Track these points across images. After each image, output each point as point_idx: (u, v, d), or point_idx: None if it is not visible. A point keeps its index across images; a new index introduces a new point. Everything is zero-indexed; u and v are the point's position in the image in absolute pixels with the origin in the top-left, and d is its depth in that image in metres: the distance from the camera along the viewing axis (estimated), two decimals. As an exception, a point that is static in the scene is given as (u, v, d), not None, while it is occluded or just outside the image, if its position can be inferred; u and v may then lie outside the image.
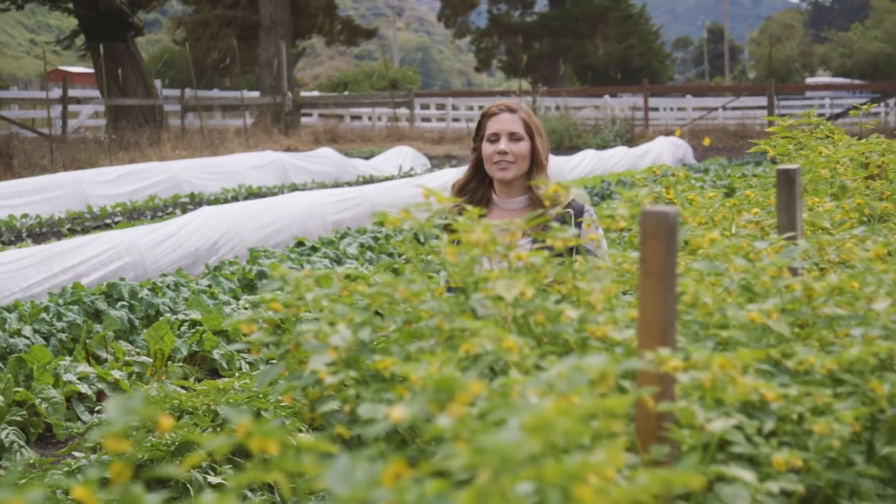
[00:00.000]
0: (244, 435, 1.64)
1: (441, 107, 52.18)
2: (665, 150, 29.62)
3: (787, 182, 3.61)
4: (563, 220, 4.99)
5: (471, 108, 51.52)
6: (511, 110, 5.47)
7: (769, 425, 2.55)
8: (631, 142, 36.28)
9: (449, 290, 3.02)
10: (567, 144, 36.94)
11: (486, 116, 5.53)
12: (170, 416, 1.61)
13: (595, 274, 2.87)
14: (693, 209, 4.10)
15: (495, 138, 5.40)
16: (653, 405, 2.39)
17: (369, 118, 50.40)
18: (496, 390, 2.00)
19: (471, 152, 5.61)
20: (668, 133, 36.01)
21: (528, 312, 2.73)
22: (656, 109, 49.17)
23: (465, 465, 1.47)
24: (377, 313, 2.94)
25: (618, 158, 27.88)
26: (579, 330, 2.74)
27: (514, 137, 5.38)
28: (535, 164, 5.44)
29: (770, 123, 6.34)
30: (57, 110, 35.11)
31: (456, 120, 49.48)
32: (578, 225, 4.95)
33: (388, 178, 25.38)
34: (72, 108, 36.78)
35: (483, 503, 1.47)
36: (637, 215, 3.01)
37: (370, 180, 25.25)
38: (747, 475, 2.33)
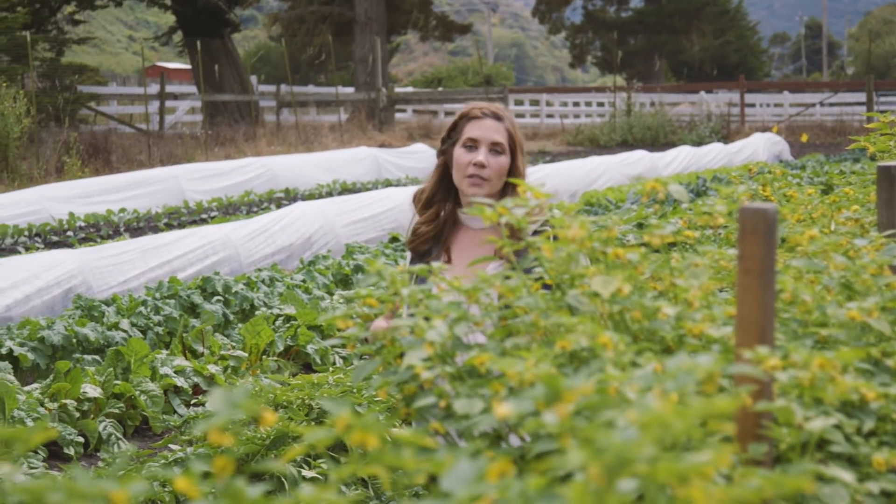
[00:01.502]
0: (344, 428, 1.65)
1: (535, 103, 52.08)
2: (761, 147, 29.36)
3: (887, 179, 3.56)
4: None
5: (565, 105, 51.40)
6: (497, 117, 4.71)
7: (869, 425, 2.51)
8: (726, 138, 35.99)
9: (545, 287, 3.01)
10: (662, 141, 36.76)
11: (465, 118, 4.72)
12: (270, 411, 1.62)
13: (693, 271, 2.84)
14: (791, 206, 4.06)
15: (472, 145, 4.62)
16: (751, 403, 2.37)
17: (463, 114, 50.36)
18: (594, 387, 1.99)
19: (437, 154, 4.83)
20: (765, 129, 35.63)
21: (625, 309, 2.72)
22: (752, 106, 48.71)
23: (579, 464, 1.47)
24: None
25: (713, 155, 27.65)
26: (676, 327, 2.72)
27: (495, 149, 4.62)
28: (511, 184, 4.63)
29: (869, 120, 6.26)
30: (154, 106, 35.54)
31: (550, 116, 49.37)
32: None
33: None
34: (169, 103, 37.19)
35: (593, 501, 1.47)
36: (734, 212, 2.98)
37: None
38: (846, 475, 2.30)
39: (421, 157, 26.56)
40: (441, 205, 4.69)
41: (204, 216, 19.30)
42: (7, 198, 18.56)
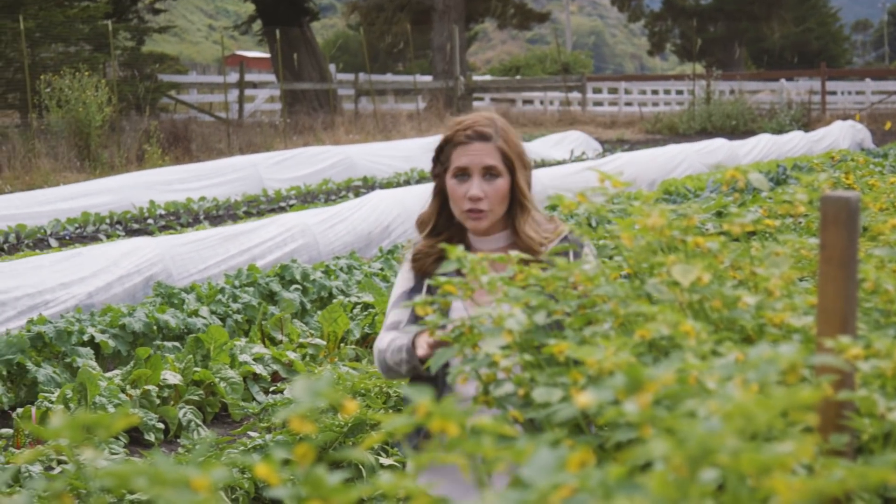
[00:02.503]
0: (425, 415, 1.65)
1: (613, 91, 51.86)
2: (842, 135, 29.06)
3: (973, 167, 3.51)
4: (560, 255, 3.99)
5: (643, 93, 51.11)
6: (484, 137, 4.21)
7: (953, 416, 2.49)
8: (807, 126, 35.63)
9: (624, 276, 2.99)
10: (741, 129, 36.45)
11: (450, 144, 4.27)
12: (350, 399, 1.63)
13: (773, 260, 2.82)
14: (874, 194, 4.01)
15: (463, 175, 4.18)
16: (833, 394, 2.35)
17: (541, 102, 50.27)
18: (674, 377, 1.98)
19: (432, 177, 4.39)
20: (846, 117, 35.22)
21: (704, 298, 2.70)
22: (834, 93, 48.16)
23: (662, 454, 1.47)
24: (551, 297, 2.94)
25: (793, 143, 27.40)
26: (756, 316, 2.70)
27: (489, 174, 4.18)
28: (517, 204, 4.25)
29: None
30: (234, 94, 35.75)
31: (628, 104, 49.14)
32: (578, 259, 4.03)
33: (559, 163, 25.30)
34: (248, 92, 37.43)
35: (675, 491, 1.46)
36: (815, 201, 2.96)
37: (541, 164, 25.21)
38: (930, 467, 2.27)
39: (498, 146, 26.50)
40: (448, 231, 4.32)
41: (282, 204, 19.41)
42: (89, 186, 18.76)
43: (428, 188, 4.45)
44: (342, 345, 9.61)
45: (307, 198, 20.34)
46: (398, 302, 4.31)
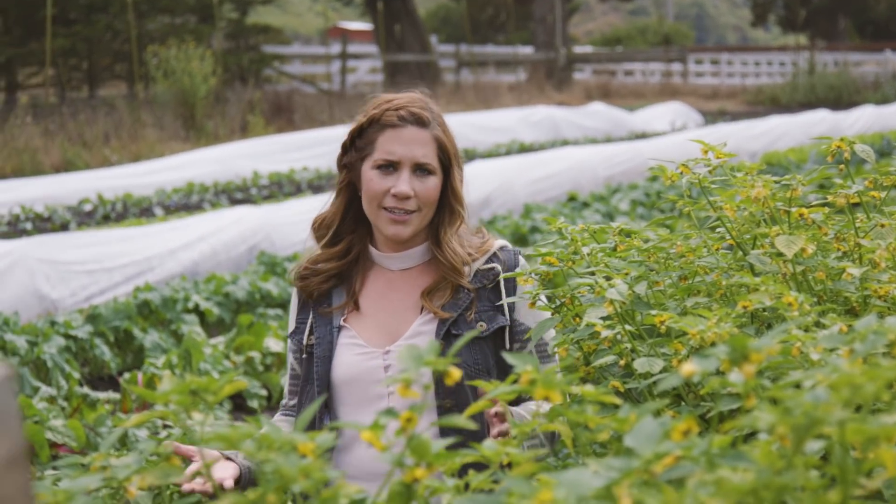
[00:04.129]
0: (527, 383, 1.67)
1: (715, 62, 51.34)
2: (950, 107, 28.55)
3: None
4: (486, 282, 3.40)
5: (745, 64, 50.53)
6: (421, 122, 3.37)
7: None
8: (913, 98, 35.07)
9: (726, 247, 2.98)
10: (845, 101, 35.94)
11: (376, 124, 3.38)
12: (455, 367, 1.66)
13: (879, 231, 2.80)
14: (982, 166, 3.95)
15: (389, 166, 3.34)
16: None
17: (642, 74, 49.91)
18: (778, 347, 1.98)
19: (338, 168, 3.52)
20: (954, 89, 34.63)
21: (808, 269, 2.69)
22: (941, 64, 47.34)
23: (769, 424, 1.47)
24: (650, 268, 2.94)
25: (900, 115, 26.99)
26: (861, 288, 2.68)
27: (422, 169, 3.35)
28: (447, 210, 3.44)
29: None
30: (336, 66, 35.91)
31: (730, 76, 48.64)
32: (512, 287, 3.39)
33: (659, 134, 25.13)
34: (350, 63, 37.56)
35: (780, 461, 1.47)
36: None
37: (642, 136, 25.06)
38: None
39: (599, 118, 26.42)
40: (352, 238, 3.50)
41: (383, 175, 19.46)
42: (193, 156, 18.98)
43: (530, 159, 4.24)
44: (441, 314, 9.64)
45: (409, 168, 20.35)
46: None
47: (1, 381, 1.19)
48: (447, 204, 3.41)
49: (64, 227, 14.59)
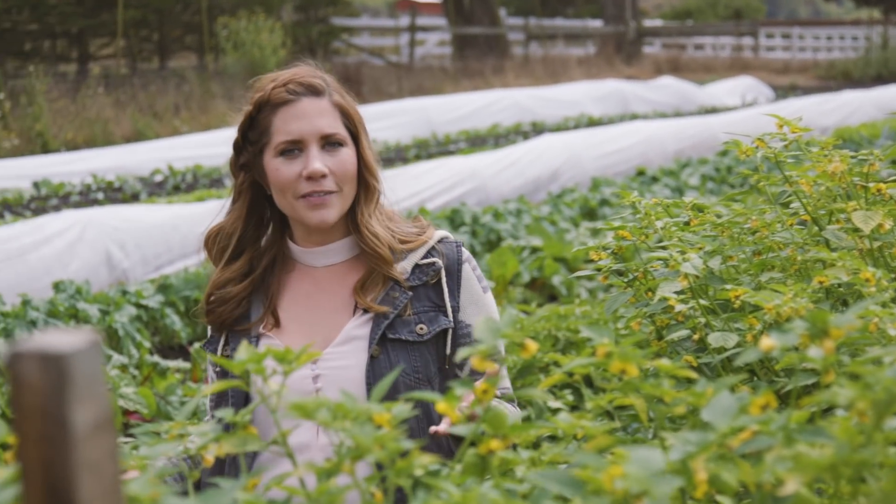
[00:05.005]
0: (604, 356, 1.67)
1: (786, 36, 50.83)
2: None
3: None
4: (427, 279, 3.05)
5: (817, 38, 50.00)
6: (315, 91, 3.03)
7: None
8: None
9: (799, 223, 2.96)
10: (917, 78, 35.52)
11: (266, 106, 3.02)
12: (531, 340, 1.66)
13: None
14: None
15: (292, 149, 2.98)
16: None
17: (712, 48, 49.51)
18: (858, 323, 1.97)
19: (233, 173, 3.13)
20: None
21: (885, 245, 2.67)
22: None
23: (848, 400, 1.46)
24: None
25: (973, 91, 26.66)
26: (939, 265, 2.66)
27: (330, 142, 3.00)
28: (361, 186, 3.08)
29: None
30: (405, 38, 35.91)
31: (802, 50, 48.15)
32: (456, 284, 3.08)
33: (730, 109, 24.94)
34: (419, 36, 37.54)
35: (860, 436, 1.46)
36: None
37: (711, 110, 24.89)
38: None
39: (668, 92, 26.26)
40: (254, 249, 3.12)
41: (451, 148, 19.48)
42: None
43: (598, 133, 4.09)
44: (510, 287, 9.65)
45: (476, 142, 20.38)
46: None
47: (87, 347, 1.20)
48: (361, 179, 3.06)
49: (135, 196, 14.73)
